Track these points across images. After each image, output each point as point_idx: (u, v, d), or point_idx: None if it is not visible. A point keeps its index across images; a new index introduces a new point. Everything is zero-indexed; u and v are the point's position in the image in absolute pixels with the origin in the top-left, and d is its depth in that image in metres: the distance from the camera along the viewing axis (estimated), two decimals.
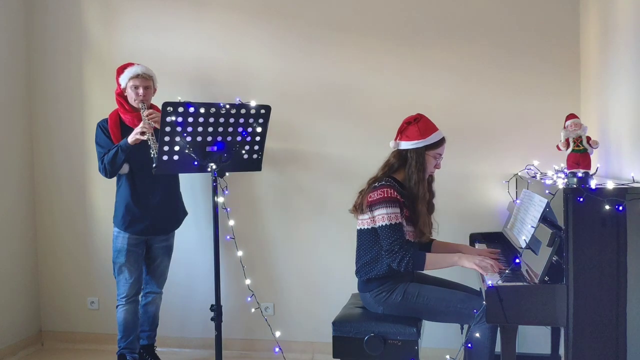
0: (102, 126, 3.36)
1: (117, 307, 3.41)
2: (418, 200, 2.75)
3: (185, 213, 3.58)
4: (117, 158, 3.21)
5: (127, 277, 3.36)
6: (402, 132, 2.80)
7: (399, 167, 2.81)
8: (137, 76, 3.27)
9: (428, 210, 2.85)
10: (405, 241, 2.69)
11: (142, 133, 3.13)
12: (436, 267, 2.75)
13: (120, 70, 3.35)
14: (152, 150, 3.04)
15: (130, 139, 3.17)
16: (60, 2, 3.99)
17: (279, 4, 3.77)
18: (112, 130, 3.31)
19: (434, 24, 3.62)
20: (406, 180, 2.79)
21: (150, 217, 3.33)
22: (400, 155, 2.80)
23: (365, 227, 2.78)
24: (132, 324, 3.40)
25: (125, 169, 3.29)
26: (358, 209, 2.80)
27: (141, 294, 3.50)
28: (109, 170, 3.25)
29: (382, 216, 2.68)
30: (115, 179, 3.39)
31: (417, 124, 2.77)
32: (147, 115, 3.17)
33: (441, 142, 2.80)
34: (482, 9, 3.58)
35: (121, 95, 3.35)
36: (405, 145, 2.78)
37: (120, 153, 3.20)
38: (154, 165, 2.98)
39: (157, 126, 3.09)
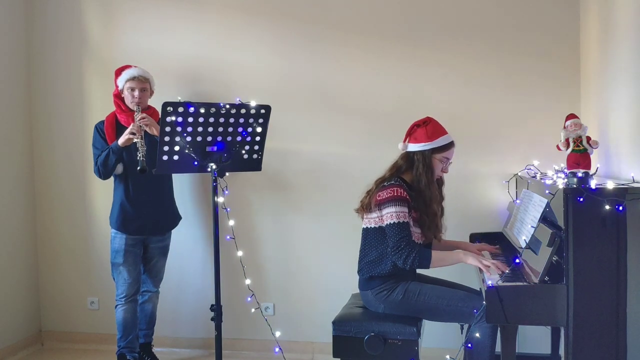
0: (99, 128, 3.41)
1: (116, 307, 3.44)
2: (431, 201, 2.76)
3: (179, 217, 3.61)
4: (109, 160, 3.27)
5: (125, 277, 3.38)
6: (411, 135, 2.82)
7: (406, 169, 2.82)
8: (133, 78, 3.33)
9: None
10: (411, 239, 2.70)
11: (132, 134, 3.19)
12: (442, 265, 2.75)
13: (118, 72, 3.41)
14: (140, 153, 3.10)
15: (121, 140, 3.24)
16: (60, 2, 3.99)
17: (279, 3, 3.77)
18: (107, 131, 3.37)
19: (434, 24, 3.62)
20: (414, 183, 2.79)
21: (144, 216, 3.37)
22: (408, 158, 2.82)
23: (372, 226, 2.79)
24: (132, 323, 3.42)
25: (119, 169, 3.34)
26: (366, 208, 2.81)
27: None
28: (102, 171, 3.31)
29: (390, 214, 2.69)
30: (112, 180, 3.43)
31: (425, 127, 2.78)
32: (139, 119, 3.24)
33: (449, 146, 2.80)
34: (482, 10, 3.58)
35: (118, 96, 3.41)
36: (412, 147, 2.79)
37: (111, 155, 3.27)
38: (138, 167, 3.05)
39: (148, 130, 3.23)
